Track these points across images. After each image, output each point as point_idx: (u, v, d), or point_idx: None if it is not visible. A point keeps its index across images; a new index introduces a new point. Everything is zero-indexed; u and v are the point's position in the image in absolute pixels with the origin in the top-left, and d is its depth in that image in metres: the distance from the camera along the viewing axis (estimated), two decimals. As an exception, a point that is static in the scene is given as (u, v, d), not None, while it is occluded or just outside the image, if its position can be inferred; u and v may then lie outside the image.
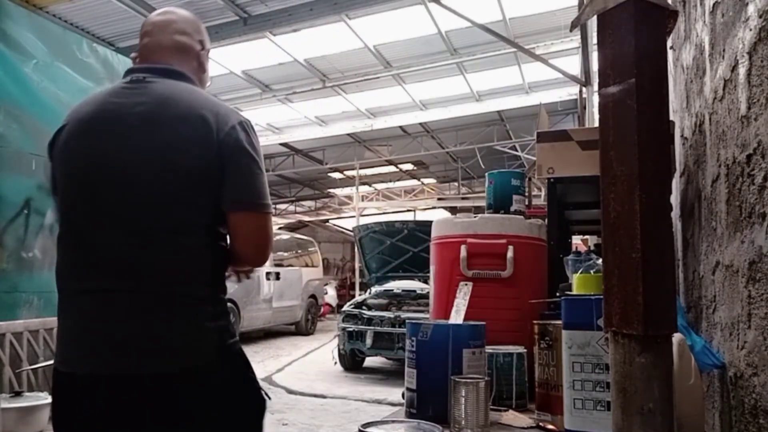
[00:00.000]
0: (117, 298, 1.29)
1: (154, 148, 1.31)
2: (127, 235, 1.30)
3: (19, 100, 4.15)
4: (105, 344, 1.28)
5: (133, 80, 1.40)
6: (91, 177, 1.33)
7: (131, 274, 1.29)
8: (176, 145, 1.31)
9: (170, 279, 1.30)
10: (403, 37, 8.48)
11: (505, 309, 2.21)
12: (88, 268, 1.33)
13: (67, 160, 1.38)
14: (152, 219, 1.30)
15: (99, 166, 1.32)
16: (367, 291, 8.50)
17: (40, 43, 4.35)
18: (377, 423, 1.45)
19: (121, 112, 1.35)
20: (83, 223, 1.34)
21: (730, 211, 1.42)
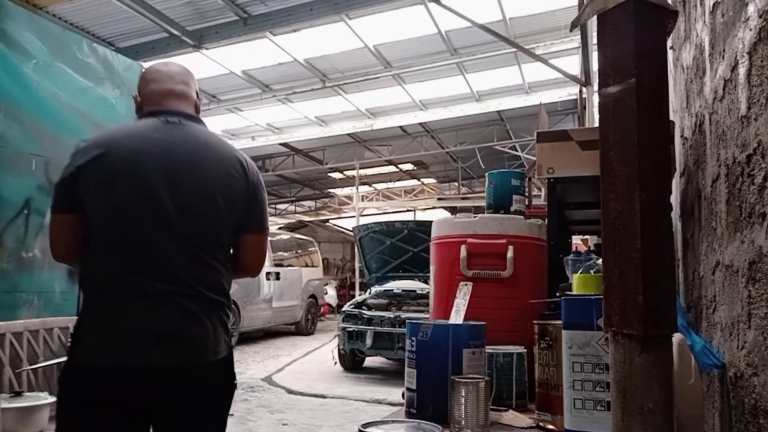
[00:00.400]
0: (174, 302, 1.54)
1: (206, 184, 1.61)
2: (181, 252, 1.56)
3: (19, 100, 4.15)
4: (171, 340, 1.53)
5: (169, 121, 1.66)
6: (151, 202, 1.55)
7: (185, 282, 1.55)
8: (220, 182, 1.63)
9: (211, 288, 1.61)
10: (403, 37, 8.48)
11: (505, 309, 2.21)
12: (148, 276, 1.54)
13: (122, 186, 1.56)
14: (202, 241, 1.60)
15: (158, 194, 1.55)
16: (367, 291, 8.50)
17: (40, 43, 4.35)
18: (377, 423, 1.45)
19: (172, 150, 1.61)
20: (141, 238, 1.55)
21: (730, 211, 1.42)
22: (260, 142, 13.41)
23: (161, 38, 8.13)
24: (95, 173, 1.56)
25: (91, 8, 7.29)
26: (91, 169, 1.56)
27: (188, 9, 7.53)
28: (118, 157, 1.57)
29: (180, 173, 1.59)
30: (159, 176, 1.56)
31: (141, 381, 1.50)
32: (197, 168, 1.61)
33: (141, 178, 1.56)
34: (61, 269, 4.41)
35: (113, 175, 1.56)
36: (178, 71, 1.82)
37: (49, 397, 2.59)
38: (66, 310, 4.27)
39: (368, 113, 11.91)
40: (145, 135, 1.62)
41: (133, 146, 1.59)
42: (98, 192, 1.56)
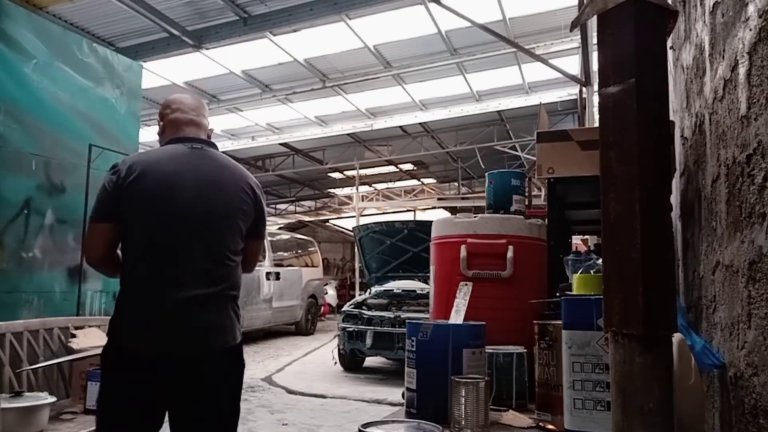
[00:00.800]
0: (199, 298, 1.86)
1: (225, 200, 1.98)
2: (207, 258, 1.90)
3: (19, 100, 4.15)
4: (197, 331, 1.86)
5: (194, 147, 2.02)
6: (183, 218, 1.90)
7: (209, 284, 1.89)
8: (238, 200, 2.01)
9: (228, 287, 1.96)
10: (403, 37, 8.48)
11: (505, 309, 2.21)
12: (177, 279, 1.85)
13: (161, 203, 1.89)
14: (224, 248, 1.95)
15: (190, 211, 1.91)
16: (367, 291, 8.49)
17: (40, 43, 4.35)
18: (377, 423, 1.45)
19: (200, 172, 1.97)
20: (176, 248, 1.88)
21: (730, 211, 1.42)
22: (260, 142, 13.41)
23: (161, 38, 8.14)
24: (138, 190, 1.87)
25: (91, 8, 7.29)
26: (134, 186, 1.87)
27: (188, 9, 7.53)
28: (156, 179, 1.89)
29: (207, 192, 1.95)
30: (190, 196, 1.91)
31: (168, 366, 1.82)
32: (220, 188, 1.99)
33: (176, 197, 1.89)
34: (62, 269, 4.41)
35: (153, 194, 1.88)
36: (198, 104, 2.17)
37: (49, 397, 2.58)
38: (66, 310, 4.27)
39: (368, 113, 11.91)
40: (177, 160, 1.96)
41: (168, 169, 1.93)
42: (140, 207, 1.88)
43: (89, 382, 2.85)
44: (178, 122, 2.07)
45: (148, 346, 1.82)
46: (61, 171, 4.45)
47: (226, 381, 1.96)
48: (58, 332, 3.25)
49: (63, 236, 4.43)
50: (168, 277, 1.85)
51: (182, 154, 1.98)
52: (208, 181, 1.96)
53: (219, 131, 12.92)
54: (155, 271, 1.86)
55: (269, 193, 20.39)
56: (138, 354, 1.82)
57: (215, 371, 1.91)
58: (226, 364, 1.95)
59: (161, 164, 1.93)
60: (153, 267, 1.86)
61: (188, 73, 9.59)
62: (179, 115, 2.08)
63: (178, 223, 1.89)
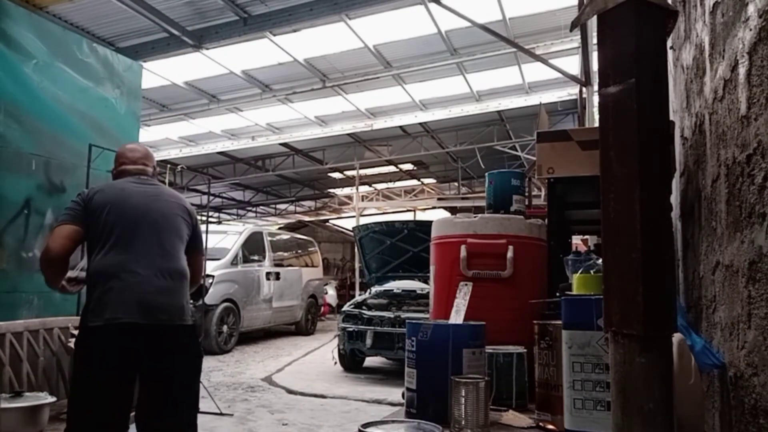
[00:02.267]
0: (154, 282, 2.25)
1: (167, 206, 2.47)
2: (157, 249, 2.33)
3: (19, 100, 4.15)
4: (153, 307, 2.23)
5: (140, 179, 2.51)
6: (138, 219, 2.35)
7: (161, 270, 2.29)
8: (177, 210, 2.49)
9: (178, 273, 2.36)
10: (403, 37, 8.48)
11: (505, 309, 2.21)
12: (134, 264, 2.25)
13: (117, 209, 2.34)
14: (168, 241, 2.39)
15: (142, 214, 2.36)
16: (367, 291, 8.49)
17: (40, 43, 4.35)
18: (377, 423, 1.46)
19: (143, 189, 2.46)
20: (131, 240, 2.29)
21: (730, 211, 1.42)
22: (260, 142, 13.41)
23: (161, 38, 8.13)
24: (97, 201, 2.34)
25: (91, 8, 7.29)
26: (94, 199, 2.34)
27: (188, 9, 7.53)
28: (110, 193, 2.39)
29: (150, 201, 2.41)
30: (137, 203, 2.37)
31: (128, 335, 2.17)
32: (160, 199, 2.47)
33: (126, 204, 2.36)
34: (61, 269, 4.41)
35: (107, 203, 2.34)
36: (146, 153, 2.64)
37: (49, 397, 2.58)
38: (66, 310, 4.27)
39: (368, 113, 11.91)
40: (126, 183, 2.47)
41: (120, 187, 2.44)
42: (98, 212, 2.32)
43: (89, 382, 2.84)
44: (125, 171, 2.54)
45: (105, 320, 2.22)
46: (61, 171, 4.45)
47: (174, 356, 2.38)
48: (58, 332, 3.25)
49: (63, 236, 4.42)
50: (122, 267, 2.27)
51: (129, 181, 2.49)
52: (150, 193, 2.46)
53: (219, 131, 12.93)
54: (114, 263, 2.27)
55: (269, 193, 20.40)
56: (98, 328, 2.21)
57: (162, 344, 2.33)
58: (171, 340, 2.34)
59: (114, 185, 2.47)
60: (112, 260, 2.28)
61: (188, 73, 9.58)
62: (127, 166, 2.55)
63: (130, 224, 2.32)
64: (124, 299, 2.16)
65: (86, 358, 2.15)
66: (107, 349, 2.13)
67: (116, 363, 2.14)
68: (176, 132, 12.93)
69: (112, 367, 2.14)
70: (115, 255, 2.24)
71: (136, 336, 2.16)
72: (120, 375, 2.15)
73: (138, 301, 2.18)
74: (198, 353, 2.47)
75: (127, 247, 2.26)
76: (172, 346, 2.26)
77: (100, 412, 2.10)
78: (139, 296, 2.18)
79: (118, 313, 2.14)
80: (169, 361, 2.26)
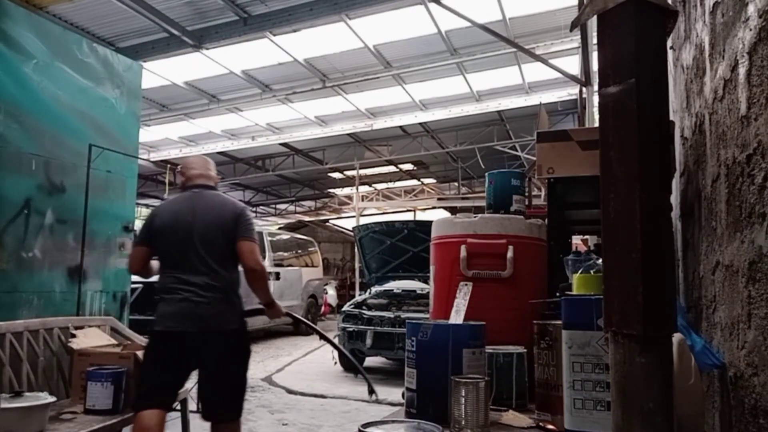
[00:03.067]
0: (197, 298, 2.70)
1: (214, 223, 2.80)
2: (202, 266, 2.74)
3: (19, 100, 4.15)
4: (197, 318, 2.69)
5: (194, 192, 2.91)
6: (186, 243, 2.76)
7: (204, 286, 2.72)
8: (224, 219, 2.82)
9: (219, 287, 2.76)
10: (403, 37, 8.47)
11: (505, 309, 2.21)
12: (183, 283, 2.72)
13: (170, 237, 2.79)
14: (213, 259, 2.77)
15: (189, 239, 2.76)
16: (367, 291, 8.49)
17: (40, 43, 4.35)
18: (377, 423, 1.46)
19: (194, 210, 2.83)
20: (181, 263, 2.75)
21: (730, 211, 1.42)
22: (260, 142, 13.41)
23: (161, 38, 8.14)
24: (156, 227, 2.83)
25: (91, 8, 7.29)
26: (154, 224, 2.84)
27: (188, 9, 7.53)
28: (166, 218, 2.84)
29: (198, 220, 2.79)
30: (186, 229, 2.77)
31: (179, 340, 2.68)
32: (210, 213, 2.82)
33: (177, 230, 2.78)
34: (61, 270, 4.41)
35: (163, 229, 2.81)
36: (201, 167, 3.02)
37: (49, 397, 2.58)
38: (66, 310, 4.27)
39: (368, 113, 11.91)
40: (181, 204, 2.89)
41: (174, 210, 2.88)
42: (158, 237, 2.82)
43: (89, 382, 2.85)
44: (187, 185, 2.96)
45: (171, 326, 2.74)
46: (61, 171, 4.45)
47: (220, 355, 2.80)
48: (58, 332, 3.25)
49: (63, 236, 4.42)
50: (176, 284, 2.74)
51: (188, 195, 2.91)
52: (200, 209, 2.82)
53: (219, 131, 12.92)
54: (170, 279, 2.77)
55: (269, 193, 20.40)
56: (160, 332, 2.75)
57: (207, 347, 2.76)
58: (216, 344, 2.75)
59: (169, 208, 2.92)
60: (169, 278, 2.77)
61: (188, 73, 9.58)
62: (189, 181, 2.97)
63: (180, 247, 2.77)
64: (175, 313, 2.70)
65: (149, 351, 2.79)
66: (163, 347, 2.73)
67: (167, 358, 2.71)
68: (176, 132, 12.93)
69: (164, 360, 2.71)
70: (169, 275, 2.77)
71: (186, 340, 2.68)
72: (169, 366, 2.71)
73: (184, 315, 2.68)
74: (242, 352, 2.86)
75: (178, 268, 2.75)
76: (215, 347, 2.72)
77: (152, 390, 2.65)
78: (186, 311, 2.69)
79: (171, 324, 2.70)
80: (212, 359, 2.73)
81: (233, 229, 2.80)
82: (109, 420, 2.75)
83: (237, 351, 2.82)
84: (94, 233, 4.66)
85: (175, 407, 3.30)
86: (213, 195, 2.92)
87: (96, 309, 4.71)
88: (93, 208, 4.53)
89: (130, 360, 3.01)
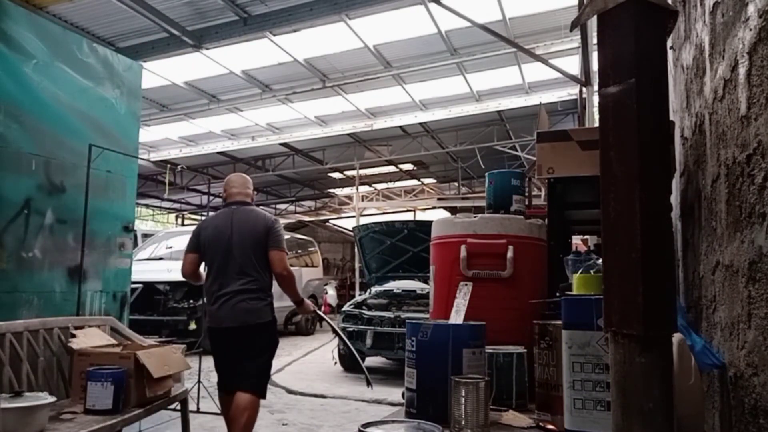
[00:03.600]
0: (235, 300, 3.33)
1: (249, 235, 3.39)
2: (240, 273, 3.36)
3: (19, 100, 4.15)
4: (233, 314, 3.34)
5: (233, 208, 3.52)
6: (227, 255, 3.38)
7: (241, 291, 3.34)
8: (257, 232, 3.40)
9: (253, 290, 3.37)
10: (403, 37, 8.47)
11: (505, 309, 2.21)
12: (225, 288, 3.35)
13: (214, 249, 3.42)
14: (249, 265, 3.38)
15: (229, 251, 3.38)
16: (367, 291, 8.49)
17: (40, 43, 4.35)
18: (377, 423, 1.46)
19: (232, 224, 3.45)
20: (223, 272, 3.38)
21: (730, 211, 1.42)
22: (260, 142, 13.41)
23: (161, 38, 8.14)
24: (203, 239, 3.47)
25: (91, 8, 7.29)
26: (201, 236, 3.49)
27: (188, 9, 7.53)
28: (210, 232, 3.47)
29: (236, 233, 3.39)
30: (228, 242, 3.38)
31: (226, 333, 3.37)
32: (246, 226, 3.41)
33: (220, 243, 3.39)
34: (61, 270, 4.41)
35: (209, 243, 3.44)
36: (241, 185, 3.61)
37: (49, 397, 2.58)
38: (66, 310, 4.27)
39: (368, 113, 11.91)
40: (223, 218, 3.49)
41: (216, 224, 3.50)
42: (204, 248, 3.46)
43: (89, 382, 2.85)
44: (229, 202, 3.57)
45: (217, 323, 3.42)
46: (61, 171, 4.45)
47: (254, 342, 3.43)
48: (58, 332, 3.25)
49: (63, 236, 4.43)
50: (219, 289, 3.38)
51: (228, 211, 3.51)
52: (237, 223, 3.42)
53: (219, 131, 12.92)
54: (214, 286, 3.40)
55: (269, 193, 20.39)
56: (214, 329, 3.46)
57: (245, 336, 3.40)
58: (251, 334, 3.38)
59: (214, 223, 3.53)
60: (214, 284, 3.40)
61: (188, 73, 9.59)
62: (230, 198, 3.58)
63: (223, 257, 3.39)
64: (219, 313, 3.36)
65: (211, 345, 3.54)
66: (216, 339, 3.46)
67: (221, 346, 3.45)
68: (176, 132, 12.93)
69: (220, 348, 3.46)
70: (214, 281, 3.40)
71: (231, 333, 3.36)
72: (223, 352, 3.44)
73: (226, 315, 3.34)
74: (271, 340, 3.47)
75: (220, 275, 3.38)
76: (250, 336, 3.36)
77: (220, 371, 3.46)
78: (227, 311, 3.33)
79: (218, 322, 3.38)
80: (248, 345, 3.37)
81: (265, 240, 3.38)
82: (109, 420, 2.75)
83: (267, 339, 3.44)
84: (94, 233, 4.66)
85: (175, 407, 3.48)
86: (249, 210, 3.51)
87: (96, 309, 4.71)
88: (93, 208, 4.53)
89: (130, 360, 3.01)
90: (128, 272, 5.15)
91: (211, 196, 11.93)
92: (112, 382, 2.84)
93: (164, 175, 14.81)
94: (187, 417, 3.58)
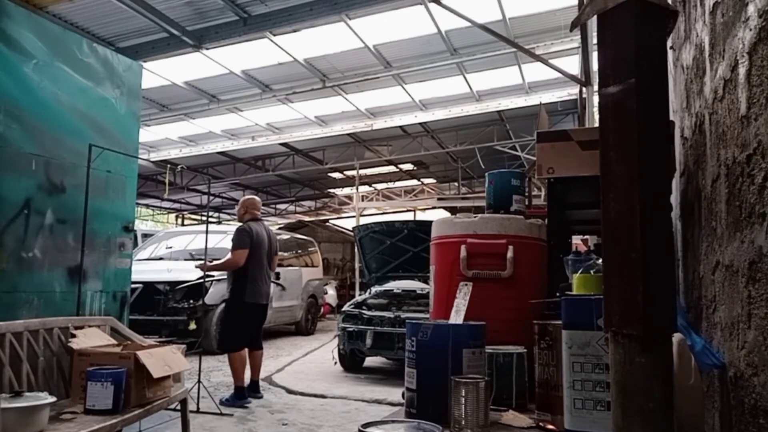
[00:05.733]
0: (264, 285, 5.73)
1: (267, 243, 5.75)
2: (265, 269, 5.73)
3: (19, 100, 4.15)
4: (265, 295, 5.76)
5: (260, 220, 5.89)
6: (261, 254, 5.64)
7: (266, 280, 5.76)
8: (271, 241, 5.84)
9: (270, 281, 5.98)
10: (403, 37, 8.48)
11: (505, 309, 2.21)
12: (260, 276, 5.62)
13: (256, 247, 5.55)
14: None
15: (262, 251, 5.66)
16: (367, 291, 8.48)
17: (40, 43, 4.35)
18: (377, 423, 1.46)
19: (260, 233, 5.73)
20: (259, 264, 5.61)
21: (730, 211, 1.42)
22: (260, 142, 13.42)
23: (161, 38, 8.14)
24: (253, 240, 5.51)
25: (91, 8, 7.30)
26: (253, 239, 5.51)
27: (188, 9, 7.53)
28: (255, 238, 5.53)
29: (263, 241, 5.61)
30: (261, 247, 5.58)
31: (259, 306, 5.65)
32: (265, 236, 5.69)
33: (258, 245, 5.54)
34: (61, 270, 4.41)
35: (255, 243, 5.50)
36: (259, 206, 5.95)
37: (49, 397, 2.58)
38: (66, 310, 4.27)
39: (368, 113, 11.91)
40: (258, 228, 5.65)
41: (257, 231, 5.59)
42: (252, 247, 5.48)
43: (89, 382, 2.84)
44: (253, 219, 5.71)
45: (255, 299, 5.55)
46: (61, 171, 4.45)
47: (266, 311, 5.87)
48: (58, 332, 3.25)
49: (63, 236, 4.43)
50: (258, 274, 5.49)
51: (257, 225, 5.62)
52: (262, 234, 5.59)
53: (219, 131, 12.93)
54: (255, 271, 5.45)
55: (269, 193, 20.40)
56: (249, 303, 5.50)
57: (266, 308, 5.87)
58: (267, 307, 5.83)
59: (255, 229, 5.53)
60: (255, 270, 5.45)
61: (188, 73, 9.59)
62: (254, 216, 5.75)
63: (262, 253, 5.55)
64: (257, 292, 5.45)
65: (242, 314, 5.41)
66: (250, 310, 5.46)
67: (255, 316, 5.58)
68: (176, 132, 12.93)
69: (255, 317, 5.58)
70: (257, 271, 5.45)
71: (261, 307, 5.56)
72: (252, 319, 5.52)
73: (260, 294, 5.49)
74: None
75: (258, 268, 5.46)
76: (266, 310, 5.68)
77: (245, 336, 5.39)
78: (261, 292, 5.50)
79: (256, 298, 5.45)
80: (265, 315, 5.73)
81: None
82: (109, 420, 2.74)
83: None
84: (94, 233, 4.66)
85: (175, 407, 3.52)
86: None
87: (96, 309, 4.71)
88: (93, 208, 4.53)
89: (130, 360, 3.01)
90: (128, 272, 5.15)
91: (211, 195, 11.93)
92: (112, 382, 2.84)
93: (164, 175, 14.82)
94: (187, 417, 3.58)
